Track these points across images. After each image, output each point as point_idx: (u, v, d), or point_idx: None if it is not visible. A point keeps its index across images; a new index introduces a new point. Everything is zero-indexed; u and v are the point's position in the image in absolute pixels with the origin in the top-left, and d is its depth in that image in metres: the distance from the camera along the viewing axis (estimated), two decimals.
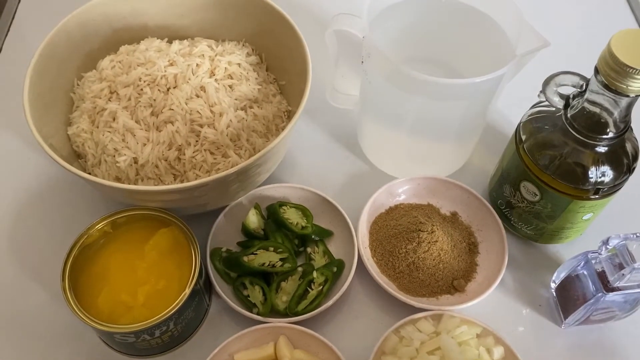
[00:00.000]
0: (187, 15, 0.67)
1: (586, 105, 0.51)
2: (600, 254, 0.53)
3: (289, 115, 0.67)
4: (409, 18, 0.63)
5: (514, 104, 0.65)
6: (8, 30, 0.81)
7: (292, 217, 0.62)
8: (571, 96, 0.53)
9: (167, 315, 0.51)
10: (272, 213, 0.62)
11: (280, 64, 0.68)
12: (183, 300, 0.52)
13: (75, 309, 0.52)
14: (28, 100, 0.56)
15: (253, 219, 0.62)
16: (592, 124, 0.51)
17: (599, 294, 0.52)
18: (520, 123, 0.58)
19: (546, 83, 0.53)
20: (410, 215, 0.63)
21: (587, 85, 0.51)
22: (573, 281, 0.56)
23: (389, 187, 0.64)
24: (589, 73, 0.50)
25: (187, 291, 0.53)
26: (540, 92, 0.54)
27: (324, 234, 0.63)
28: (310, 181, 0.67)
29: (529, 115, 0.57)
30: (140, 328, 0.51)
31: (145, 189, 0.52)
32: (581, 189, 0.54)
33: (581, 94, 0.52)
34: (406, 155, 0.67)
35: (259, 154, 0.53)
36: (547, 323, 0.59)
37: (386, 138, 0.66)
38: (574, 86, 0.53)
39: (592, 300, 0.53)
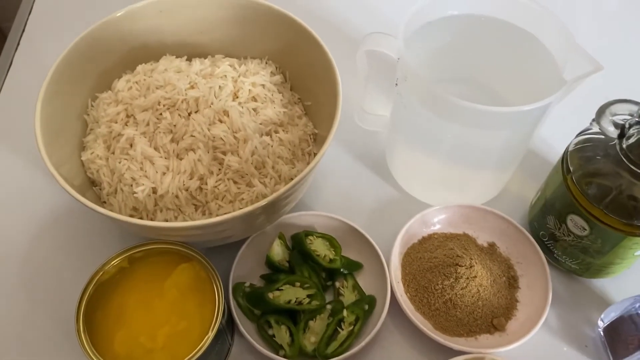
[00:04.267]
0: (207, 32, 0.64)
1: None
2: None
3: (316, 138, 0.63)
4: (447, 37, 0.59)
5: (555, 126, 0.61)
6: (18, 44, 0.78)
7: (319, 248, 0.58)
8: (627, 125, 0.49)
9: None
10: (298, 243, 0.58)
11: (306, 83, 0.64)
12: (206, 345, 0.49)
13: (90, 353, 0.48)
14: (40, 127, 0.52)
15: (278, 251, 0.58)
16: None
17: None
18: (567, 151, 0.54)
19: (601, 112, 0.49)
20: (445, 247, 0.59)
21: None
22: (626, 322, 0.52)
23: (423, 215, 0.60)
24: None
25: (211, 335, 0.49)
26: (593, 120, 0.50)
27: (354, 267, 0.59)
28: (336, 207, 0.63)
29: (577, 144, 0.53)
30: None
31: (165, 225, 0.48)
32: (636, 225, 0.50)
33: (639, 123, 0.48)
34: (440, 182, 0.63)
35: (287, 186, 0.49)
36: None
37: (419, 163, 0.62)
38: (630, 115, 0.49)
39: None
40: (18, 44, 0.79)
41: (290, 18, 0.61)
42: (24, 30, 0.80)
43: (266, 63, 0.64)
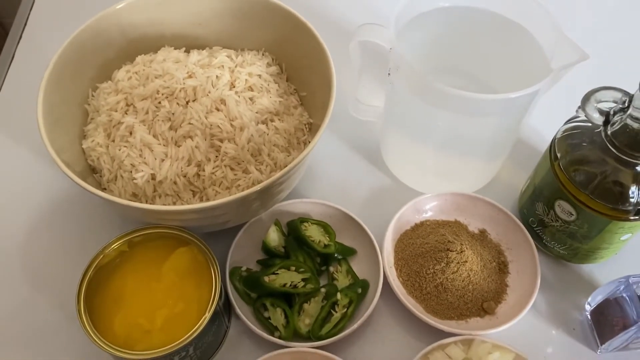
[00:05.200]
0: (206, 24, 0.65)
1: (629, 121, 0.48)
2: None
3: (311, 127, 0.64)
4: (439, 28, 0.60)
5: (545, 115, 0.62)
6: (19, 39, 0.79)
7: (314, 234, 0.60)
8: (612, 112, 0.50)
9: (186, 341, 0.49)
10: (293, 230, 0.60)
11: (301, 74, 0.65)
12: (203, 325, 0.50)
13: (91, 333, 0.49)
14: (42, 114, 0.54)
15: (273, 237, 0.60)
16: (635, 142, 0.49)
17: None
18: (555, 139, 0.55)
19: (586, 99, 0.50)
20: (437, 233, 0.60)
21: (630, 101, 0.48)
22: (611, 305, 0.54)
23: (416, 203, 0.62)
24: (625, 85, 0.48)
25: (208, 315, 0.50)
26: (579, 107, 0.51)
27: (347, 252, 0.60)
28: (331, 196, 0.64)
29: (565, 131, 0.55)
30: (159, 355, 0.49)
31: (164, 209, 0.49)
32: (621, 209, 0.51)
33: (623, 110, 0.49)
34: (432, 170, 0.64)
35: (282, 172, 0.51)
36: (582, 348, 0.57)
37: (412, 152, 0.64)
38: (615, 102, 0.50)
39: (634, 328, 0.50)
40: (20, 38, 0.80)
41: (286, 11, 0.62)
42: (25, 25, 0.81)
43: (263, 54, 0.66)
